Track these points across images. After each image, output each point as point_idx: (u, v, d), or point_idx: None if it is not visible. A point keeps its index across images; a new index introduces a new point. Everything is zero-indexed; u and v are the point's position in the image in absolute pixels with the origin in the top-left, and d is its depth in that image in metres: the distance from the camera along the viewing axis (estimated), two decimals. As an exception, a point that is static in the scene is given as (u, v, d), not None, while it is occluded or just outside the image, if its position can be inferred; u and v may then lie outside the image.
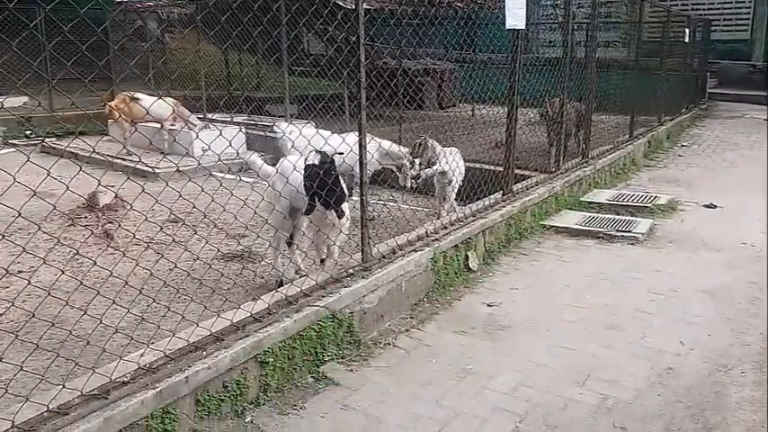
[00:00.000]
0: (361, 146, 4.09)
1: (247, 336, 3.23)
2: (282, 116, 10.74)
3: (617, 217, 6.74)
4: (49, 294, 2.71)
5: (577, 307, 4.60)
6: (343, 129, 9.12)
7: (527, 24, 5.81)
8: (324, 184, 4.00)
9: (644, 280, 5.10)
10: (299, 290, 3.69)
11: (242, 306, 3.42)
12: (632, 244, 6.04)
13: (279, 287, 4.00)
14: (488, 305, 4.63)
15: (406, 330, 4.20)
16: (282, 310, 3.52)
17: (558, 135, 7.45)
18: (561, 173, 7.31)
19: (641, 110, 10.75)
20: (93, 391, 2.59)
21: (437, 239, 4.87)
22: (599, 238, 6.18)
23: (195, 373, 2.88)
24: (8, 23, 2.78)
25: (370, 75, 4.14)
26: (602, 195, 7.58)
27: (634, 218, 6.72)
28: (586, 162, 7.99)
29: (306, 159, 4.08)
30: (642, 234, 6.15)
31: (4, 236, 2.41)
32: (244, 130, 10.56)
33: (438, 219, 5.61)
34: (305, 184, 4.10)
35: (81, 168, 2.59)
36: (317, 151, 4.07)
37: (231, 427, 3.06)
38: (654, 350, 3.92)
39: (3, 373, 2.84)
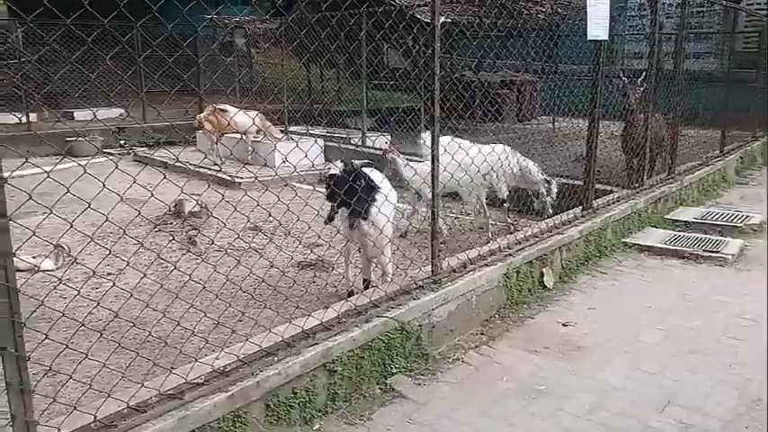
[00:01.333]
0: (434, 158, 4.07)
1: (317, 343, 3.27)
2: (359, 129, 10.90)
3: (704, 236, 6.39)
4: (132, 296, 2.85)
5: (659, 329, 4.38)
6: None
7: (610, 35, 5.64)
8: (347, 194, 4.06)
9: (732, 303, 4.79)
10: (368, 300, 3.71)
11: (313, 314, 3.48)
12: (720, 265, 5.70)
13: (349, 297, 4.04)
14: (563, 324, 4.49)
15: (476, 347, 4.14)
16: (352, 319, 3.55)
17: (634, 149, 7.14)
18: (645, 189, 7.01)
19: (734, 124, 10.17)
20: (169, 390, 2.69)
21: (510, 254, 4.77)
22: (684, 257, 5.88)
23: (266, 378, 2.95)
24: (107, 39, 3.01)
25: (444, 87, 4.13)
26: (689, 213, 7.21)
27: (723, 238, 6.34)
28: (672, 178, 7.62)
29: (330, 168, 4.22)
30: (731, 255, 5.79)
31: (92, 239, 2.56)
32: (321, 141, 10.79)
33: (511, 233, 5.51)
34: (327, 194, 4.20)
35: (165, 176, 2.72)
36: (342, 161, 4.17)
37: (299, 435, 3.11)
38: (742, 378, 3.67)
39: (89, 369, 3.00)
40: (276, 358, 3.08)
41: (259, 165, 9.82)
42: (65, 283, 3.14)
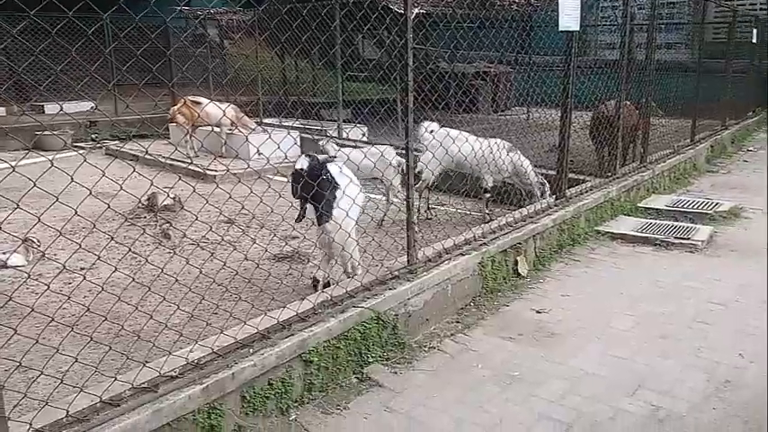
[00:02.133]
0: (408, 149, 4.08)
1: (293, 335, 3.27)
2: (335, 120, 10.87)
3: (675, 223, 6.51)
4: (103, 290, 2.82)
5: (631, 315, 4.46)
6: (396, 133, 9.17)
7: (582, 26, 5.70)
8: (311, 189, 3.97)
9: (702, 289, 4.90)
10: (344, 291, 3.72)
11: (288, 305, 3.47)
12: (691, 251, 5.81)
13: (325, 288, 4.04)
14: (537, 312, 4.55)
15: (452, 335, 4.17)
16: (327, 310, 3.56)
17: (603, 140, 7.24)
18: (618, 177, 7.11)
19: (704, 113, 10.36)
20: (143, 384, 2.68)
21: (485, 244, 4.81)
22: (656, 245, 5.98)
23: (241, 370, 2.94)
24: (76, 31, 2.98)
25: (418, 78, 4.13)
26: (661, 201, 7.34)
27: (694, 225, 6.48)
28: (644, 167, 7.75)
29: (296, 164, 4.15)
30: (702, 241, 5.92)
31: (62, 233, 2.52)
32: (296, 133, 10.71)
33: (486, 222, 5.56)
34: (292, 191, 4.11)
35: (134, 169, 2.68)
36: (307, 155, 4.10)
37: (276, 425, 3.11)
38: (710, 362, 3.76)
39: (61, 364, 2.97)
40: (252, 350, 3.08)
41: (233, 157, 9.74)
42: (36, 279, 3.10)
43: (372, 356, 3.70)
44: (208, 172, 8.51)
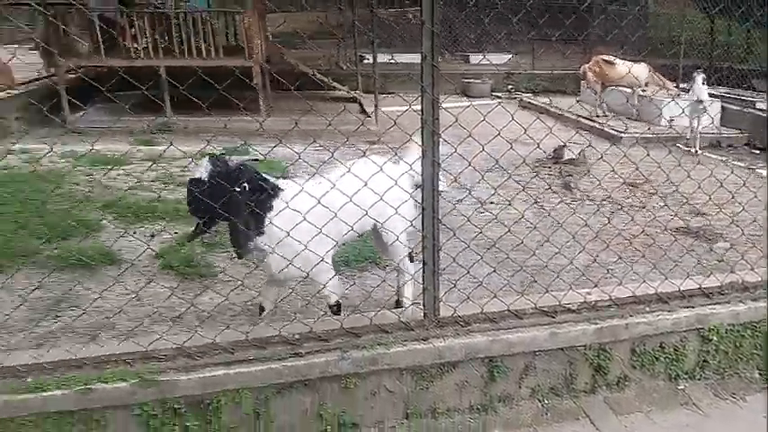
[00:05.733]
0: None
1: (692, 307, 3.13)
2: (764, 92, 9.43)
3: None
4: (523, 218, 3.13)
5: None
6: None
7: None
8: (222, 203, 2.64)
9: None
10: (759, 278, 3.35)
11: (692, 277, 3.31)
12: None
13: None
14: None
15: None
16: (735, 293, 3.28)
17: None
18: None
19: None
20: (543, 307, 2.94)
21: None
22: None
23: (635, 323, 2.97)
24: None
25: None
26: None
27: None
28: None
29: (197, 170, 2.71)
30: None
31: (483, 176, 2.94)
32: (717, 104, 9.61)
33: None
34: (189, 209, 2.81)
35: (554, 124, 2.87)
36: (210, 157, 2.72)
37: (661, 387, 3.08)
38: None
39: (479, 276, 3.42)
40: (648, 308, 3.06)
41: (645, 121, 9.33)
42: (454, 205, 3.68)
43: (787, 359, 3.28)
44: (614, 132, 8.39)
